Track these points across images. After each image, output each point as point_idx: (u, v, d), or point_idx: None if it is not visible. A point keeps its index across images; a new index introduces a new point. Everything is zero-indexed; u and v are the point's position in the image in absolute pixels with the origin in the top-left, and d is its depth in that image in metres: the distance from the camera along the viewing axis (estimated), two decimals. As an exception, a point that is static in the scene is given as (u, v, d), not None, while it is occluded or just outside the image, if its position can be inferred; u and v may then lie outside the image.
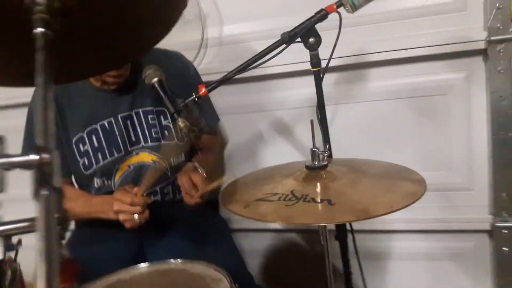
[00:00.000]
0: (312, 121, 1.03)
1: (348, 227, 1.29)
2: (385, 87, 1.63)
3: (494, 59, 1.45)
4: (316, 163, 0.96)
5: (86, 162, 1.40)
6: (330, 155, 1.20)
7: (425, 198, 1.60)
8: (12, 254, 0.90)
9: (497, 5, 1.42)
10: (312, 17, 1.15)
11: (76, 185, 1.50)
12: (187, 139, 1.31)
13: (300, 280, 1.89)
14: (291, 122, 1.76)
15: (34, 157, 0.37)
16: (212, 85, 1.22)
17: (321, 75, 1.20)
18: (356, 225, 1.64)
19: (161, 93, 1.23)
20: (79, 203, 1.39)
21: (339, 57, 1.58)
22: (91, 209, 1.35)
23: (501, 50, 1.43)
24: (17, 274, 0.86)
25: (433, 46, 1.50)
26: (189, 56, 1.68)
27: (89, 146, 1.39)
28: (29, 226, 0.41)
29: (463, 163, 1.58)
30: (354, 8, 1.14)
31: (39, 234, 0.38)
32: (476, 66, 1.51)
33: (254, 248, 1.92)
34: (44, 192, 0.38)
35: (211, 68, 1.74)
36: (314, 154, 0.97)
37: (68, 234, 1.49)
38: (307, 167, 0.98)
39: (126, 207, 1.22)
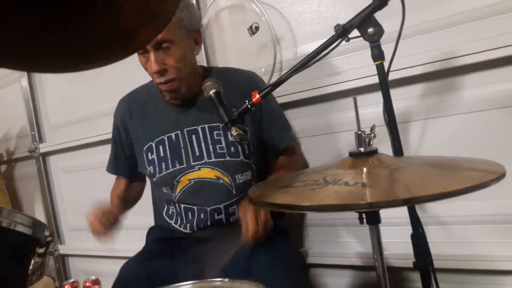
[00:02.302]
0: (355, 98, 0.88)
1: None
2: (484, 95, 1.37)
3: None
4: (362, 148, 0.81)
5: (152, 170, 1.46)
6: (400, 153, 1.02)
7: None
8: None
9: None
10: (369, 5, 1.03)
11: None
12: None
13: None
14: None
15: None
16: (266, 90, 1.15)
17: (386, 70, 1.05)
18: (451, 263, 1.38)
19: (217, 103, 1.21)
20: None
21: (425, 64, 1.41)
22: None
23: None
24: (43, 268, 0.85)
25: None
26: (265, 79, 1.66)
27: (155, 155, 1.45)
28: None
29: None
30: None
31: None
32: None
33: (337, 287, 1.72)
34: None
35: (288, 89, 1.67)
36: (359, 138, 0.82)
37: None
38: (351, 154, 0.82)
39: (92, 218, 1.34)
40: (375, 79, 1.11)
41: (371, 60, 1.07)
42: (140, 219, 1.64)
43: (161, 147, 1.45)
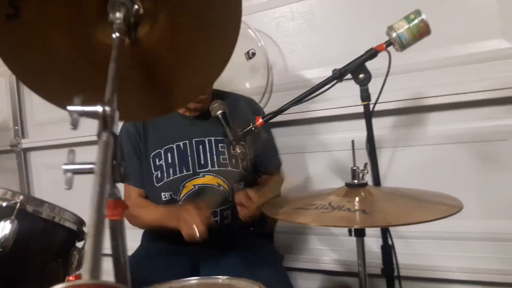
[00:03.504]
0: (352, 141, 1.09)
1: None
2: (445, 131, 1.64)
3: (558, 103, 1.42)
4: (356, 181, 1.01)
5: (159, 175, 1.58)
6: (378, 183, 1.23)
7: (487, 247, 1.55)
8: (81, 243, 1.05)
9: (559, 50, 1.42)
10: (362, 55, 1.25)
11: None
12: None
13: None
14: (344, 162, 1.81)
15: (99, 108, 0.50)
16: (268, 116, 1.33)
17: (371, 110, 1.27)
18: (410, 272, 1.62)
19: (223, 123, 1.38)
20: (149, 210, 1.57)
21: (398, 100, 1.65)
22: (159, 216, 1.50)
23: None
24: (82, 260, 0.99)
25: (493, 90, 1.51)
26: (256, 99, 1.84)
27: (164, 161, 1.58)
28: (90, 169, 0.52)
29: (528, 212, 1.51)
30: (403, 46, 1.21)
31: (97, 168, 0.49)
32: (539, 110, 1.48)
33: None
34: (104, 135, 0.50)
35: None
36: (354, 172, 1.02)
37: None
38: (347, 184, 1.03)
39: (192, 219, 1.34)
40: (356, 109, 1.32)
41: (351, 91, 1.28)
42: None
43: (169, 154, 1.58)
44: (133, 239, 1.72)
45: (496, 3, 1.54)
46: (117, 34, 0.65)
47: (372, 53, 1.24)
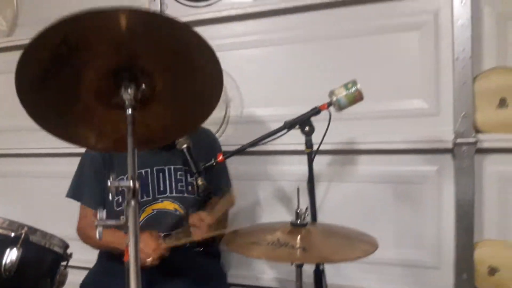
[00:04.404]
0: (298, 188, 1.34)
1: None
2: (371, 171, 1.95)
3: (460, 157, 1.77)
4: (299, 221, 1.27)
5: (120, 199, 1.72)
6: (314, 219, 1.50)
7: (400, 271, 1.88)
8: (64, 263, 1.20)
9: (462, 113, 1.77)
10: (308, 111, 1.51)
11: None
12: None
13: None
14: (287, 192, 2.09)
15: (129, 182, 0.71)
16: (228, 154, 1.56)
17: (312, 156, 1.53)
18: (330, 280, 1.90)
19: (188, 157, 1.58)
20: (105, 233, 1.65)
21: (333, 143, 1.92)
22: (114, 239, 1.60)
23: (465, 151, 1.76)
24: (65, 279, 1.15)
25: (412, 142, 1.84)
26: (213, 129, 2.05)
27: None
28: (120, 225, 0.71)
29: (432, 244, 1.86)
30: (340, 108, 1.49)
31: (130, 227, 0.69)
32: (446, 161, 1.83)
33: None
34: (133, 202, 0.70)
35: (230, 141, 2.09)
36: (298, 214, 1.27)
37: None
38: (291, 223, 1.28)
39: (147, 251, 1.49)
40: (300, 146, 1.56)
41: (297, 133, 1.52)
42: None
43: None
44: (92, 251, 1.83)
45: (418, 67, 1.87)
46: (130, 111, 0.85)
47: (316, 111, 1.50)
